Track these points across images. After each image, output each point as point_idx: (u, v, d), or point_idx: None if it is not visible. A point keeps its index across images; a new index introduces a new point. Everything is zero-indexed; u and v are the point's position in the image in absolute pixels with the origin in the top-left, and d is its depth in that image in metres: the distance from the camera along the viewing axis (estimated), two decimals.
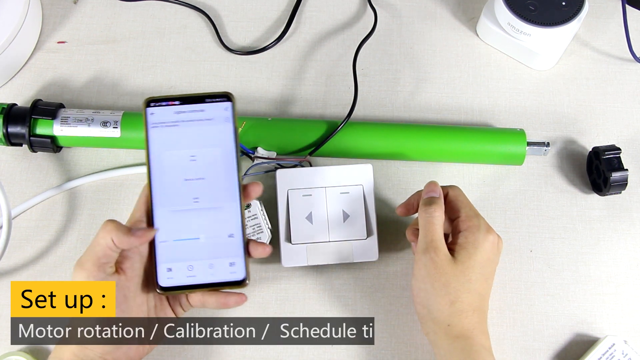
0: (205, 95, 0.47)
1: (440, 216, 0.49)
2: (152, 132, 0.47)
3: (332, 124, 0.59)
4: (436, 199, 0.50)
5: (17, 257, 0.57)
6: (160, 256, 0.46)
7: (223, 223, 0.47)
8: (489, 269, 0.49)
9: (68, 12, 0.68)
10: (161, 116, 0.47)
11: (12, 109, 0.58)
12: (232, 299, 0.47)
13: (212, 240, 0.47)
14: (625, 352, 0.52)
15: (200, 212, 0.47)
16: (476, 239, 0.48)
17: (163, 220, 0.47)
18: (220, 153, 0.47)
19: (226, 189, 0.47)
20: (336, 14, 0.68)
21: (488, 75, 0.65)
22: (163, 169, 0.47)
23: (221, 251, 0.47)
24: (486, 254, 0.48)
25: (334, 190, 0.55)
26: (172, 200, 0.47)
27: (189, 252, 0.47)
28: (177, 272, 0.46)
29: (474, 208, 0.51)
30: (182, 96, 0.47)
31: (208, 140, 0.47)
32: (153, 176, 0.47)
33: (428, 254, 0.48)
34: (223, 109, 0.47)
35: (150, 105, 0.47)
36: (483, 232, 0.49)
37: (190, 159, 0.47)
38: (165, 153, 0.47)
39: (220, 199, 0.47)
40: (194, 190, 0.47)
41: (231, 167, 0.47)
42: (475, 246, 0.48)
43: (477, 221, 0.49)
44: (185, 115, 0.47)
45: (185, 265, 0.46)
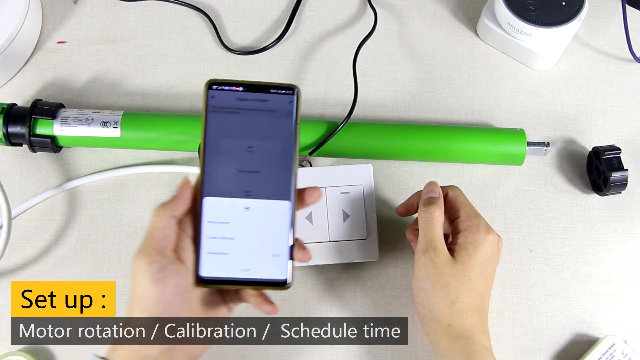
0: (271, 85, 0.45)
1: (439, 216, 0.49)
2: (211, 116, 0.45)
3: (332, 124, 0.59)
4: (436, 199, 0.50)
5: (17, 257, 0.57)
6: (204, 246, 0.44)
7: (273, 221, 0.45)
8: (489, 268, 0.49)
9: (68, 12, 0.68)
10: (222, 100, 0.45)
11: (12, 109, 0.58)
12: (267, 308, 0.45)
13: (258, 237, 0.45)
14: (625, 352, 0.52)
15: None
16: (476, 239, 0.48)
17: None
18: (280, 148, 0.45)
19: (280, 186, 0.45)
20: (336, 14, 0.68)
21: (488, 75, 0.65)
22: (218, 156, 0.45)
23: (267, 249, 0.45)
24: (486, 254, 0.48)
25: (334, 190, 0.55)
26: (222, 191, 0.45)
27: (233, 246, 0.45)
28: (219, 265, 0.45)
29: (473, 208, 0.51)
30: (246, 82, 0.45)
31: (268, 132, 0.45)
32: (207, 162, 0.45)
33: (428, 254, 0.48)
34: (287, 102, 0.45)
35: (212, 87, 0.45)
36: (483, 232, 0.49)
37: (247, 149, 0.45)
38: (222, 140, 0.45)
39: (272, 196, 0.45)
40: (247, 183, 0.45)
41: (288, 164, 0.45)
42: (475, 246, 0.48)
43: (477, 221, 0.49)
44: (248, 103, 0.45)
45: (227, 259, 0.45)
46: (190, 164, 0.60)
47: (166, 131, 0.58)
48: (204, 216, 0.44)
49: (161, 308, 0.42)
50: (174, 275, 0.42)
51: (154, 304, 0.42)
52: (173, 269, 0.42)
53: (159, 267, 0.42)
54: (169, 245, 0.43)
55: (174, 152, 0.61)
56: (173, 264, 0.43)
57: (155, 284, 0.41)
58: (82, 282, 0.55)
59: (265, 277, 0.45)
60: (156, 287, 0.42)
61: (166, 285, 0.42)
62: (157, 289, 0.42)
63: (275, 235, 0.45)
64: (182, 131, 0.58)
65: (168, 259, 0.42)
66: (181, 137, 0.58)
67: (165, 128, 0.58)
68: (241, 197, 0.45)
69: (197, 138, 0.54)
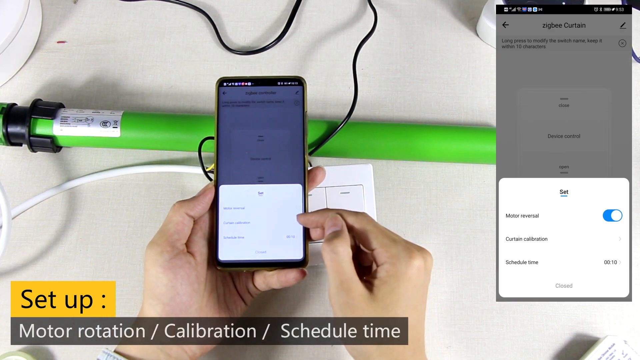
0: (278, 78, 0.49)
1: (344, 252, 0.43)
2: (223, 110, 0.49)
3: (332, 124, 0.59)
4: (339, 232, 0.44)
5: (17, 257, 0.57)
6: (221, 231, 0.47)
7: (286, 203, 0.47)
8: (418, 295, 0.44)
9: (68, 12, 0.68)
10: (232, 95, 0.49)
11: (12, 108, 0.58)
12: (292, 275, 0.46)
13: (272, 220, 0.47)
14: (625, 352, 0.52)
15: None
16: (397, 270, 0.42)
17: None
18: (289, 135, 0.48)
19: (291, 170, 0.48)
20: (336, 14, 0.68)
21: (488, 75, 0.65)
22: (230, 146, 0.48)
23: (282, 231, 0.47)
24: (411, 284, 0.42)
25: (334, 190, 0.55)
26: (237, 178, 0.48)
27: (250, 230, 0.47)
28: (236, 248, 0.47)
29: (388, 233, 0.44)
30: (254, 78, 0.49)
31: (277, 121, 0.48)
32: (220, 153, 0.48)
33: (341, 296, 0.42)
34: (294, 93, 0.49)
35: (222, 85, 0.49)
36: (404, 260, 0.42)
37: (258, 138, 0.48)
38: (234, 131, 0.48)
39: (284, 180, 0.48)
40: (259, 170, 0.48)
41: (298, 150, 0.48)
42: (397, 279, 0.42)
43: (394, 249, 0.43)
44: (256, 96, 0.49)
45: (245, 242, 0.47)
46: (190, 164, 0.60)
47: (166, 131, 0.58)
48: (220, 203, 0.47)
49: (172, 295, 0.44)
50: (184, 265, 0.45)
51: (165, 292, 0.44)
52: (183, 260, 0.45)
53: (169, 257, 0.44)
54: (181, 239, 0.45)
55: (174, 152, 0.61)
56: (184, 255, 0.45)
57: (165, 272, 0.44)
58: (82, 282, 0.55)
59: (281, 257, 0.47)
60: (166, 275, 0.44)
61: (176, 274, 0.44)
62: (168, 277, 0.44)
63: (289, 217, 0.47)
64: (182, 131, 0.58)
65: (179, 251, 0.45)
66: (181, 137, 0.58)
67: (165, 128, 0.58)
68: (255, 183, 0.48)
69: (197, 138, 0.54)
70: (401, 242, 0.44)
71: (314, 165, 0.59)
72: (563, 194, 0.29)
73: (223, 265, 0.47)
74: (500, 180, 0.30)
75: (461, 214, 0.59)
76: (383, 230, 0.45)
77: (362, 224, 0.45)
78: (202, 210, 0.47)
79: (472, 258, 0.57)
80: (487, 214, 0.59)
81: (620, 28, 0.28)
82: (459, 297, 0.56)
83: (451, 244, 0.58)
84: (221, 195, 0.48)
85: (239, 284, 0.50)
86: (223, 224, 0.47)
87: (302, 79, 0.49)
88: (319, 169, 0.49)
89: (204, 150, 0.54)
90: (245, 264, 0.47)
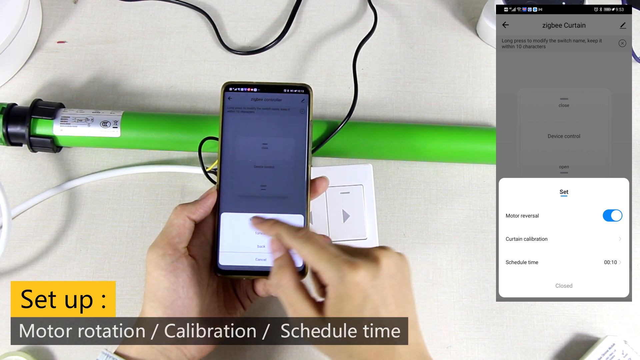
0: (284, 85, 0.48)
1: (288, 282, 0.42)
2: (227, 115, 0.48)
3: (332, 124, 0.59)
4: (282, 261, 0.44)
5: (17, 257, 0.57)
6: (222, 238, 0.47)
7: (287, 212, 0.47)
8: (369, 307, 0.41)
9: (68, 12, 0.68)
10: (238, 101, 0.48)
11: (12, 108, 0.58)
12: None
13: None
14: (625, 352, 0.52)
15: (265, 200, 0.47)
16: (337, 292, 0.40)
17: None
18: (293, 144, 0.48)
19: (294, 179, 0.47)
20: (336, 14, 0.68)
21: (488, 75, 0.65)
22: (234, 153, 0.48)
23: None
24: (357, 299, 0.40)
25: (334, 190, 0.55)
26: (239, 185, 0.47)
27: (251, 237, 0.47)
28: (237, 255, 0.47)
29: (327, 250, 0.42)
30: (260, 84, 0.48)
31: (282, 129, 0.48)
32: (224, 159, 0.47)
33: (296, 320, 0.42)
34: (300, 101, 0.48)
35: (228, 89, 0.48)
36: (344, 279, 0.40)
37: (262, 146, 0.48)
38: (238, 138, 0.48)
39: (287, 189, 0.47)
40: (262, 178, 0.47)
41: (301, 159, 0.47)
42: (340, 299, 0.40)
43: (332, 270, 0.41)
44: (262, 103, 0.48)
45: (246, 249, 0.47)
46: (190, 164, 0.60)
47: (166, 131, 0.58)
48: (221, 209, 0.47)
49: (173, 298, 0.44)
50: (185, 268, 0.45)
51: (167, 295, 0.44)
52: (185, 263, 0.45)
53: (171, 261, 0.44)
54: (182, 242, 0.45)
55: (174, 152, 0.61)
56: (186, 259, 0.45)
57: (167, 276, 0.44)
58: (82, 282, 0.55)
59: None
60: (168, 278, 0.44)
61: (177, 278, 0.44)
62: (169, 281, 0.44)
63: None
64: (182, 131, 0.58)
65: (180, 254, 0.45)
66: (181, 137, 0.58)
67: (165, 128, 0.58)
68: (257, 191, 0.47)
69: (198, 138, 0.54)
70: (341, 256, 0.41)
71: (314, 165, 0.59)
72: (563, 194, 0.30)
73: (223, 272, 0.47)
74: (500, 180, 0.30)
75: (461, 214, 0.59)
76: (322, 247, 0.42)
77: (299, 248, 0.43)
78: (204, 213, 0.47)
79: (472, 258, 0.57)
80: (487, 214, 0.59)
81: (620, 28, 0.29)
82: (459, 297, 0.56)
83: (451, 244, 0.58)
84: (223, 202, 0.47)
85: (239, 290, 0.50)
86: (224, 231, 0.47)
87: (308, 87, 0.48)
88: (321, 180, 0.48)
89: (204, 150, 0.54)
90: (245, 271, 0.47)
